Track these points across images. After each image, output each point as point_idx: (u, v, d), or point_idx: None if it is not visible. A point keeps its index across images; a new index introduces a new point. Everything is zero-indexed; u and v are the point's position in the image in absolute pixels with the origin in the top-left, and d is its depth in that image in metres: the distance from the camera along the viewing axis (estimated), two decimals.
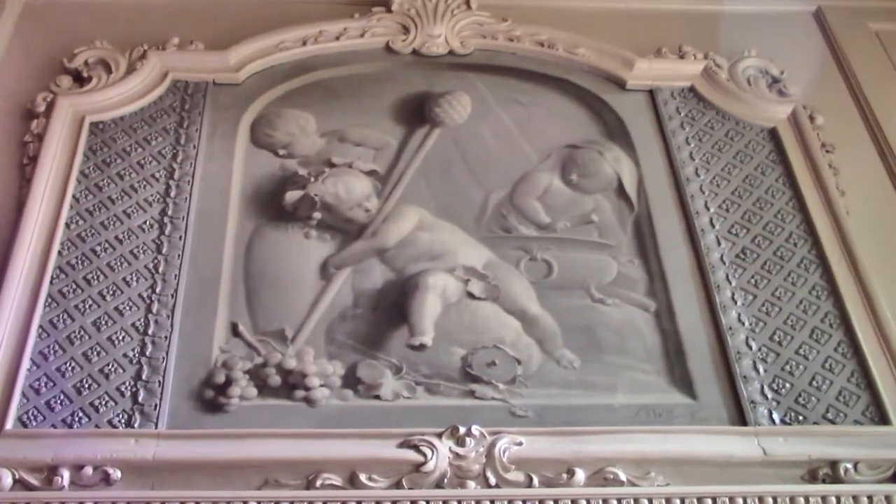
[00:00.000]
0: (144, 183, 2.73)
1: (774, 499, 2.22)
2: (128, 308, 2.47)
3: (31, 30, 3.14)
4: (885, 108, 3.07)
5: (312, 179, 2.71)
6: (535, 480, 2.22)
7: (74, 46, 3.02)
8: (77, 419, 2.29)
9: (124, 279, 2.52)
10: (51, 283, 2.49)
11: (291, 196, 2.70)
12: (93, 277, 2.52)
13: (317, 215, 2.68)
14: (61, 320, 2.44)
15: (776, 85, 3.09)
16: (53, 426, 2.27)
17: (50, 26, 3.14)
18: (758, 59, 3.15)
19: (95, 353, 2.39)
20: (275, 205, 2.72)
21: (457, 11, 3.16)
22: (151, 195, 2.70)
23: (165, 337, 2.42)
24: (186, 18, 3.16)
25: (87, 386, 2.34)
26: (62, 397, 2.32)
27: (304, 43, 3.06)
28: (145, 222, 2.64)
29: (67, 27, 3.13)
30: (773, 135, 2.96)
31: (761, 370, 2.43)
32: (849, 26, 3.33)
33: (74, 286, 2.50)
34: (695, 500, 2.21)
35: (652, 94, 3.05)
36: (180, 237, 2.61)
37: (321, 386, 2.36)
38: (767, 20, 3.35)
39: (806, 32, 3.35)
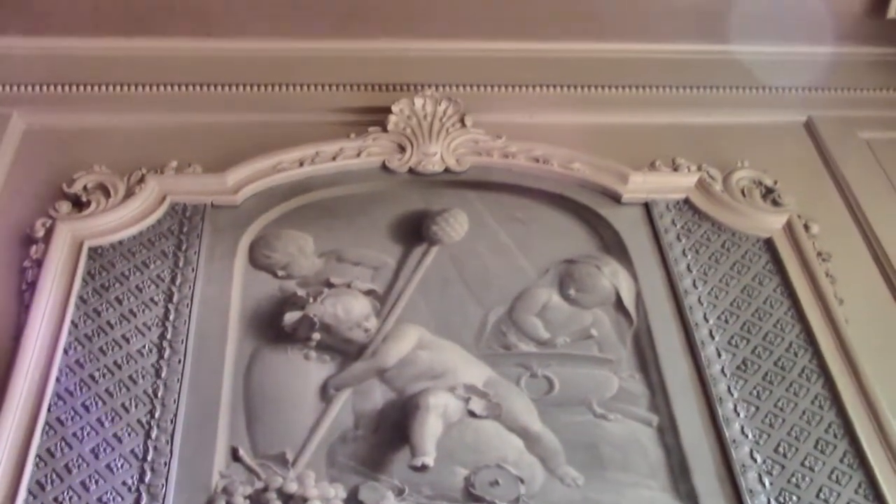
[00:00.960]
0: (143, 307, 2.80)
1: None
2: (127, 434, 2.51)
3: (31, 156, 3.25)
4: (879, 216, 3.17)
5: (311, 300, 2.79)
6: None
7: (74, 171, 3.12)
8: None
9: (123, 405, 2.56)
10: (48, 410, 2.52)
11: (290, 317, 2.76)
12: (91, 404, 2.56)
13: (316, 336, 2.74)
14: (59, 449, 2.47)
15: (770, 195, 3.19)
16: None
17: (50, 152, 3.25)
18: (751, 171, 3.26)
19: (94, 481, 2.41)
20: (274, 326, 2.78)
21: (452, 129, 3.28)
22: (150, 319, 2.76)
23: (165, 463, 2.45)
24: (184, 142, 3.27)
25: None
26: None
27: (301, 164, 3.17)
28: (144, 346, 2.70)
29: (67, 152, 3.23)
30: (769, 245, 3.04)
31: (767, 483, 2.46)
32: (839, 136, 3.46)
33: (73, 413, 2.54)
34: None
35: (647, 206, 3.14)
36: (179, 360, 2.66)
37: None
38: (759, 131, 3.48)
39: (797, 142, 3.48)
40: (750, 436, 2.55)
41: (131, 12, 3.43)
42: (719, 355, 2.74)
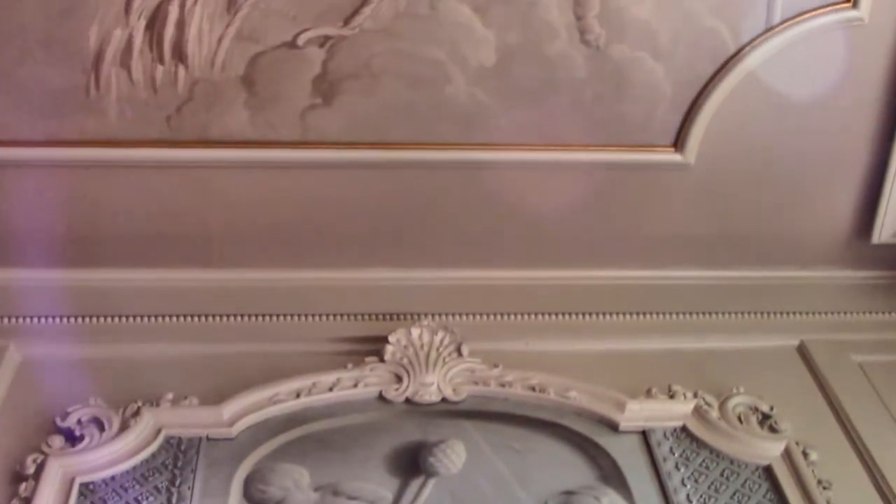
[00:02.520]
0: None
1: None
2: None
3: (25, 388, 3.35)
4: (876, 441, 3.28)
5: None
6: None
7: (68, 404, 3.21)
8: None
9: None
10: None
11: None
12: None
13: None
14: None
15: (767, 421, 3.31)
16: None
17: (45, 384, 3.34)
18: (747, 396, 3.39)
19: None
20: None
21: (448, 359, 3.42)
22: None
23: None
24: (181, 372, 3.38)
25: None
26: None
27: (298, 395, 3.28)
28: None
29: (62, 385, 3.32)
30: (769, 472, 3.15)
31: None
32: (832, 359, 3.62)
33: None
34: None
35: (645, 435, 3.25)
36: None
37: None
38: (753, 356, 3.64)
39: (791, 366, 3.64)
40: None
41: (129, 244, 3.60)
42: None
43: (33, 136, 3.28)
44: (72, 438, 3.13)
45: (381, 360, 3.41)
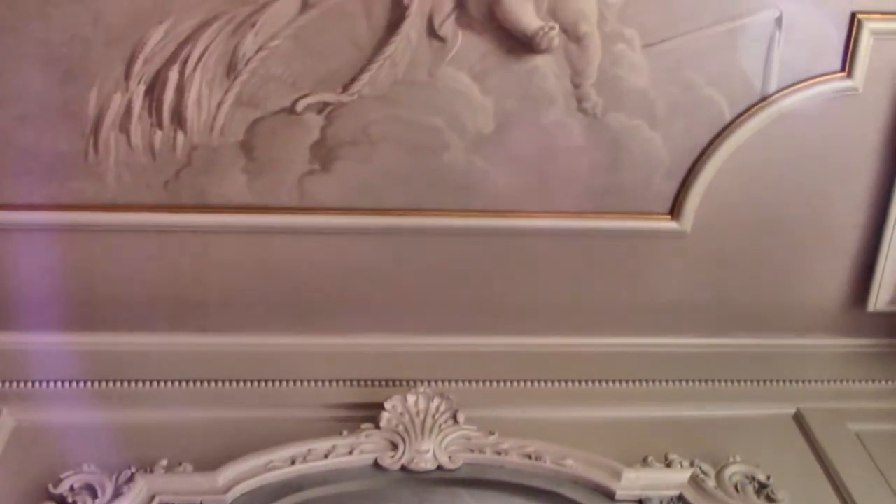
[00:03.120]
0: None
1: None
2: None
3: (18, 454, 3.34)
4: None
5: None
6: None
7: (62, 470, 3.20)
8: None
9: None
10: None
11: None
12: None
13: None
14: None
15: (764, 490, 3.30)
16: None
17: (38, 450, 3.33)
18: (743, 465, 3.38)
19: None
20: None
21: (444, 426, 3.41)
22: None
23: None
24: (176, 438, 3.37)
25: None
26: None
27: (293, 462, 3.27)
28: None
29: (56, 451, 3.31)
30: None
31: None
32: (829, 428, 3.62)
33: None
34: None
35: None
36: None
37: None
38: (749, 423, 3.64)
39: (788, 435, 3.64)
40: None
41: (125, 308, 3.62)
42: None
43: (31, 200, 3.32)
44: None
45: (377, 426, 3.40)
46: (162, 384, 3.61)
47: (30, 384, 3.57)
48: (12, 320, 3.59)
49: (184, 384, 3.62)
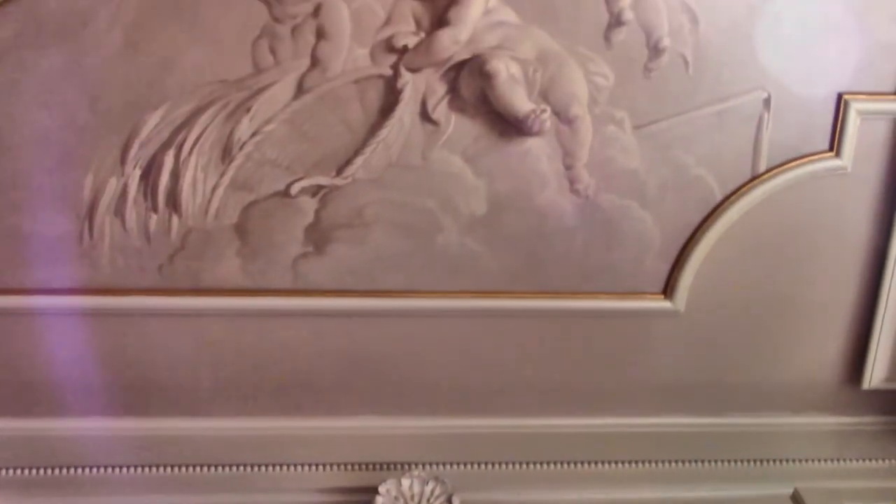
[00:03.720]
0: None
1: None
2: None
3: None
4: None
5: None
6: None
7: None
8: None
9: None
10: None
11: None
12: None
13: None
14: None
15: None
16: None
17: None
18: None
19: None
20: None
21: None
22: None
23: None
24: None
25: None
26: None
27: None
28: None
29: None
30: None
31: None
32: None
33: None
34: None
35: None
36: None
37: None
38: None
39: None
40: None
41: (113, 391, 3.59)
42: None
43: (24, 285, 3.32)
44: None
45: None
46: (152, 469, 3.57)
47: (20, 471, 3.52)
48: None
49: (170, 469, 3.57)
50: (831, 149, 3.33)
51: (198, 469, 3.58)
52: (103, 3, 2.94)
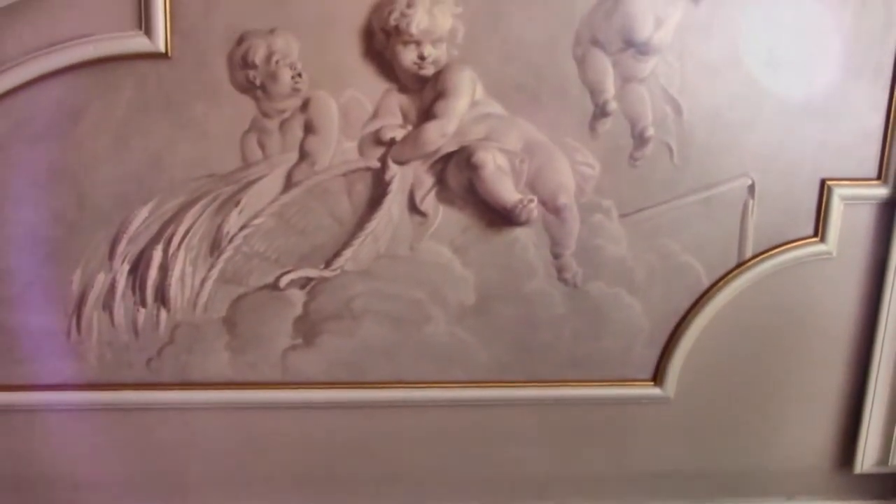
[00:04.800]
0: None
1: None
2: None
3: None
4: None
5: None
6: None
7: None
8: None
9: None
10: None
11: None
12: None
13: None
14: None
15: None
16: None
17: None
18: None
19: None
20: None
21: None
22: None
23: None
24: None
25: None
26: None
27: None
28: None
29: None
30: None
31: None
32: None
33: None
34: None
35: None
36: None
37: None
38: None
39: None
40: None
41: (101, 487, 3.56)
42: None
43: (10, 381, 3.32)
44: None
45: None
46: None
47: None
48: None
49: None
50: (816, 234, 3.37)
51: None
52: (94, 100, 3.00)
